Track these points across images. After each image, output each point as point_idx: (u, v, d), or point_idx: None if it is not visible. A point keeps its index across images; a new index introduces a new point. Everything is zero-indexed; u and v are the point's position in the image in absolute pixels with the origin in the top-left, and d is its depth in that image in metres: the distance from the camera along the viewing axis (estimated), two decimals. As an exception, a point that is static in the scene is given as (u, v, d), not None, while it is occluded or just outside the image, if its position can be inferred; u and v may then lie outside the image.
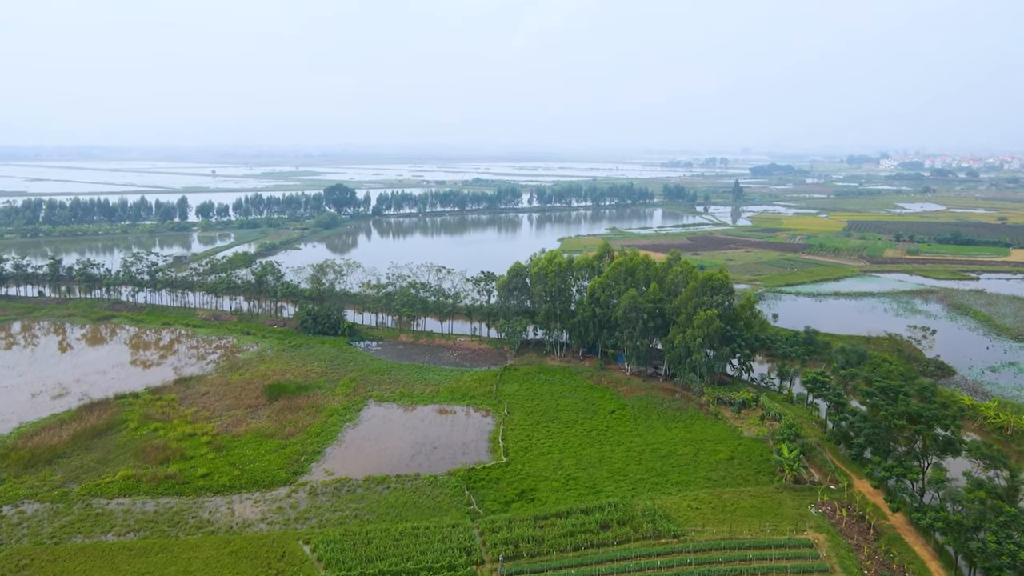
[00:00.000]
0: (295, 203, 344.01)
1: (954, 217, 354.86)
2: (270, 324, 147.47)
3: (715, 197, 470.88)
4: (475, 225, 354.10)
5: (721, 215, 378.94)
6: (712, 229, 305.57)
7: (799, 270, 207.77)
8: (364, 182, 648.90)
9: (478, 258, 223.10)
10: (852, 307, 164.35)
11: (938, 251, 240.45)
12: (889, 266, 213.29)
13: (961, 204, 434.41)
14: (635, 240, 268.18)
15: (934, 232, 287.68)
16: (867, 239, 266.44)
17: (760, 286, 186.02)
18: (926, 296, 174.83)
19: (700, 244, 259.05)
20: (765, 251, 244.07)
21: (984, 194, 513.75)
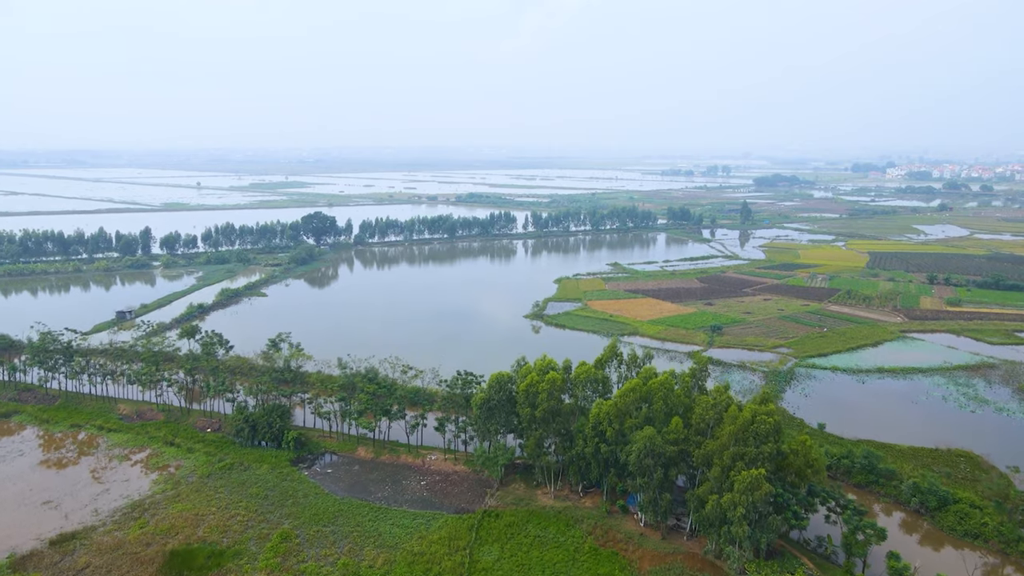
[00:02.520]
0: (270, 232, 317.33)
1: (982, 246, 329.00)
2: (203, 428, 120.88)
3: (721, 218, 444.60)
4: (466, 254, 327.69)
5: (730, 241, 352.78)
6: (723, 265, 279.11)
7: (829, 330, 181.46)
8: (353, 196, 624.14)
9: (462, 316, 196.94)
10: (902, 392, 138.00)
11: (980, 299, 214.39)
12: (931, 324, 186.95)
13: (984, 226, 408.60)
14: (639, 282, 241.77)
15: (968, 269, 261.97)
16: (897, 281, 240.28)
17: (789, 356, 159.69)
18: (986, 373, 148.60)
19: (712, 288, 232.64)
20: (786, 298, 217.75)
21: (1004, 213, 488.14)
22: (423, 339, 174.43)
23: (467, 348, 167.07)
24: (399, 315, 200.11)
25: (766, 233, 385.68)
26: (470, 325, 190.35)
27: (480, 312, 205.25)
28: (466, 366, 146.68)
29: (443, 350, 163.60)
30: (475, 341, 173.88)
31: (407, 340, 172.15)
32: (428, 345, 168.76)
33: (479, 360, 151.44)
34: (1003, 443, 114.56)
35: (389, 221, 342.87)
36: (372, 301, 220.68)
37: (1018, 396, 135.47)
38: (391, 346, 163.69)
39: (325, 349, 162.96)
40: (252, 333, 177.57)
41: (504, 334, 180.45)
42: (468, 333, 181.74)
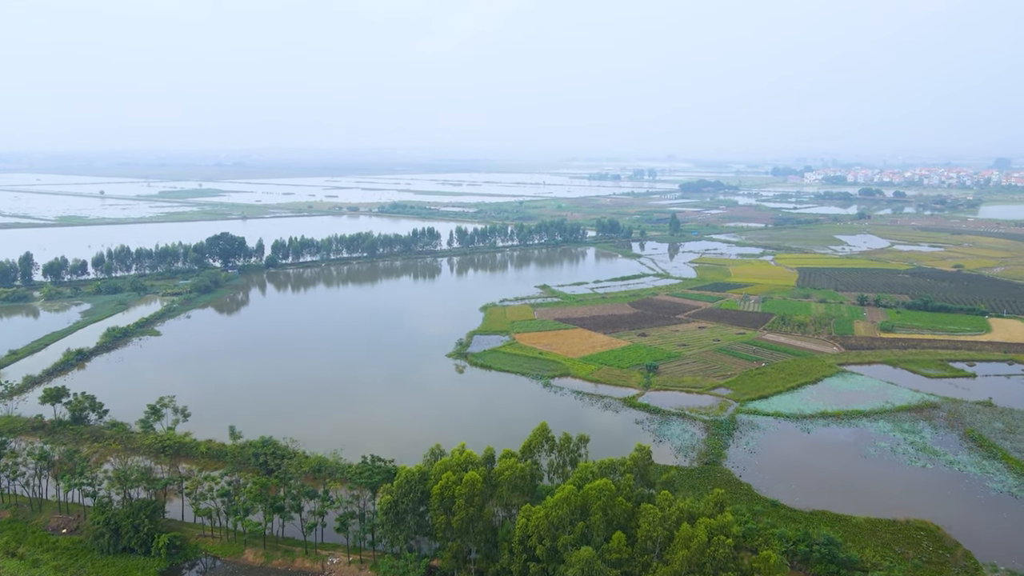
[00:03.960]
0: (171, 256, 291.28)
1: (903, 259, 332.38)
2: (57, 528, 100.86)
3: (650, 229, 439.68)
4: (387, 274, 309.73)
5: (660, 256, 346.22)
6: (655, 285, 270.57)
7: (767, 364, 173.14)
8: (271, 206, 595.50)
9: (379, 356, 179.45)
10: (850, 444, 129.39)
11: (912, 322, 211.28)
12: (867, 355, 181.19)
13: (901, 236, 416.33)
14: (569, 309, 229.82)
15: (895, 286, 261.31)
16: (829, 303, 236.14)
17: (729, 400, 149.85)
18: (929, 415, 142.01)
19: (645, 314, 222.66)
20: (720, 326, 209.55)
21: (918, 221, 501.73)
22: (331, 395, 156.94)
23: (381, 410, 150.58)
24: (305, 361, 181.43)
25: (695, 246, 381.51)
26: (388, 368, 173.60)
27: (400, 351, 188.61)
28: (381, 433, 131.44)
29: (356, 409, 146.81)
30: (391, 396, 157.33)
31: (313, 395, 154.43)
32: (338, 404, 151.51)
33: (395, 427, 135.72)
34: (961, 509, 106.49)
35: (304, 240, 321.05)
36: (277, 340, 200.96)
37: (965, 444, 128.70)
38: (292, 405, 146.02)
39: (219, 407, 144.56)
40: (137, 386, 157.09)
41: (425, 382, 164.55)
42: (385, 381, 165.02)
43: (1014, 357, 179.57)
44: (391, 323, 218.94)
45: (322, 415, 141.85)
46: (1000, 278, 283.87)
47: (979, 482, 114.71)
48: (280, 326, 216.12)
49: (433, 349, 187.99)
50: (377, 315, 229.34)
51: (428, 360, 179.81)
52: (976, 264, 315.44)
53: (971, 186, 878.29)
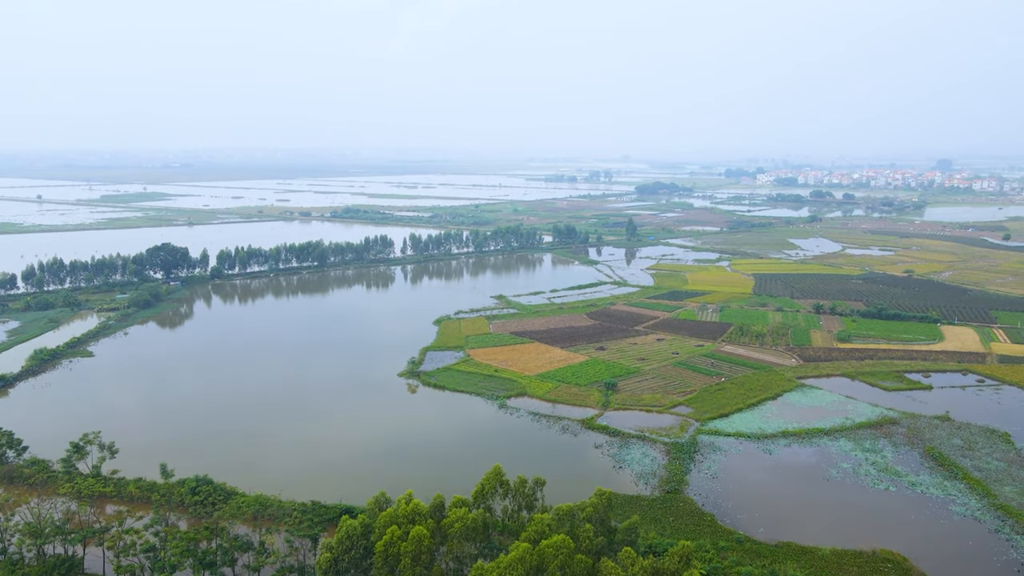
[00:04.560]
0: (109, 268, 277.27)
1: (856, 263, 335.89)
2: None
3: (607, 234, 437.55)
4: (338, 283, 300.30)
5: (617, 263, 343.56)
6: (612, 294, 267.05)
7: (727, 379, 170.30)
8: (219, 211, 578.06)
9: (329, 376, 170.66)
10: (812, 465, 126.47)
11: (867, 331, 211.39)
12: (825, 367, 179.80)
13: (853, 240, 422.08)
14: (526, 321, 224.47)
15: (849, 293, 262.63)
16: (785, 311, 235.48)
17: (689, 420, 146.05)
18: (889, 432, 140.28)
19: (603, 326, 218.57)
20: (679, 337, 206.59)
21: (867, 224, 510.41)
22: (276, 422, 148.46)
23: (329, 438, 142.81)
24: (248, 384, 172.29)
25: (652, 251, 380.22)
26: (337, 391, 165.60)
27: (350, 371, 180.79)
28: (328, 465, 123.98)
29: (302, 439, 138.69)
30: (341, 422, 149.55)
31: (255, 423, 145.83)
32: (283, 432, 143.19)
33: (342, 459, 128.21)
34: (926, 536, 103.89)
35: (251, 250, 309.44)
36: (219, 359, 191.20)
37: (926, 464, 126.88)
38: (232, 435, 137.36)
39: (153, 438, 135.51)
40: (64, 417, 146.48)
41: (376, 405, 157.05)
42: (334, 405, 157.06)
43: (967, 367, 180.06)
44: (341, 339, 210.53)
45: (265, 446, 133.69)
46: (949, 283, 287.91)
47: (942, 505, 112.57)
48: (222, 344, 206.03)
49: (385, 368, 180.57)
50: (327, 331, 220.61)
51: (379, 380, 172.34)
52: (925, 268, 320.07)
53: (916, 187, 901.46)
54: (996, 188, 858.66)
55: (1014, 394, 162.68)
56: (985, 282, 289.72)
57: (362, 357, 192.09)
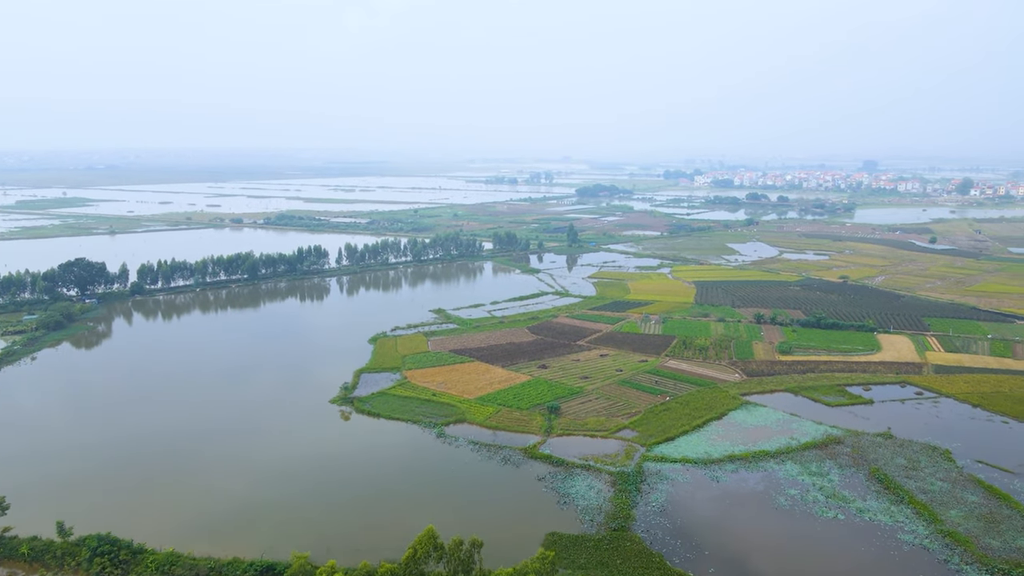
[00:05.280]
0: (17, 285, 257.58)
1: (792, 268, 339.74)
2: None
3: (548, 240, 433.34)
4: (270, 297, 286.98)
5: (558, 271, 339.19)
6: (554, 306, 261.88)
7: (672, 397, 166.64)
8: (144, 218, 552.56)
9: (256, 405, 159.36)
10: (761, 493, 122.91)
11: (807, 342, 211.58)
12: (768, 382, 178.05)
13: (789, 244, 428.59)
14: (466, 337, 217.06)
15: (788, 301, 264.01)
16: (727, 322, 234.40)
17: (635, 445, 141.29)
18: (834, 452, 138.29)
19: (545, 342, 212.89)
20: (622, 353, 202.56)
21: (802, 227, 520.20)
22: (191, 463, 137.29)
23: (254, 479, 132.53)
24: (165, 417, 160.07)
25: (593, 258, 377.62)
26: (264, 423, 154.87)
27: (278, 398, 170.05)
28: (245, 519, 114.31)
29: (223, 481, 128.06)
30: (267, 460, 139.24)
31: (171, 465, 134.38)
32: (201, 474, 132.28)
33: (267, 505, 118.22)
34: (877, 568, 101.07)
35: (175, 264, 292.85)
36: (134, 388, 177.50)
37: (872, 487, 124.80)
38: (142, 480, 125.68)
39: (53, 487, 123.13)
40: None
41: (305, 438, 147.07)
42: (256, 441, 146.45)
43: (906, 379, 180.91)
44: (270, 362, 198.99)
45: (178, 492, 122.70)
46: (882, 288, 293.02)
47: (891, 533, 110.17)
48: (138, 371, 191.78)
49: (316, 393, 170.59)
50: (255, 352, 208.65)
51: (309, 408, 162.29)
52: (859, 274, 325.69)
53: (845, 189, 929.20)
54: (919, 189, 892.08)
55: (951, 407, 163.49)
56: (915, 287, 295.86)
57: (292, 382, 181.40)
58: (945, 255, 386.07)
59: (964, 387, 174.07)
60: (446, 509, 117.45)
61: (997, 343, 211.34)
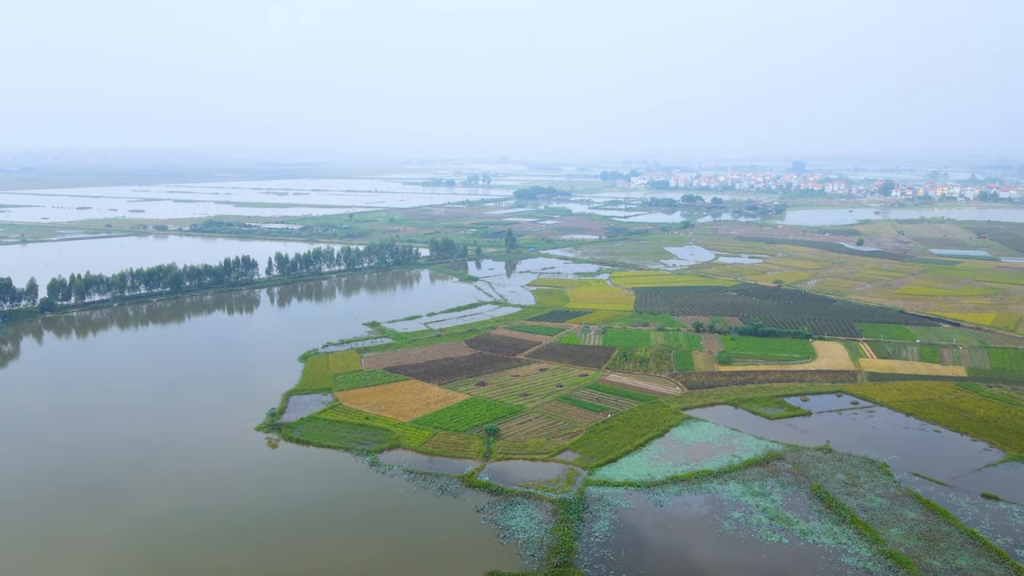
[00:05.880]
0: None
1: (728, 272, 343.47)
2: None
3: (486, 246, 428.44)
4: (194, 311, 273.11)
5: (497, 279, 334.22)
6: (493, 316, 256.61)
7: (613, 414, 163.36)
8: (59, 226, 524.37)
9: (175, 434, 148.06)
10: (704, 518, 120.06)
11: (746, 351, 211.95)
12: (709, 395, 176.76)
13: (724, 247, 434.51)
14: (401, 353, 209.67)
15: (725, 307, 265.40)
16: (667, 331, 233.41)
17: (577, 468, 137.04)
18: (776, 470, 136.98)
19: (483, 356, 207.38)
20: (562, 366, 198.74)
21: (736, 229, 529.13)
22: (94, 511, 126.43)
23: (161, 542, 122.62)
24: (69, 454, 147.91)
25: (532, 264, 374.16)
26: (182, 455, 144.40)
27: (199, 426, 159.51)
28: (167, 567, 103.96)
29: (126, 531, 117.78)
30: (179, 506, 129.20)
31: (69, 514, 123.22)
32: (100, 526, 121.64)
33: (177, 563, 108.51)
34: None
35: (91, 278, 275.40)
36: (35, 419, 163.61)
37: (814, 506, 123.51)
38: (34, 539, 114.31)
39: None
40: None
41: (227, 472, 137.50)
42: (175, 477, 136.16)
43: (841, 388, 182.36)
44: (192, 384, 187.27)
45: (76, 547, 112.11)
46: (815, 292, 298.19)
47: (835, 556, 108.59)
48: (40, 400, 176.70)
49: (240, 420, 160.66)
50: (175, 374, 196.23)
51: (233, 437, 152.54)
52: (792, 277, 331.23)
53: (775, 190, 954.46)
54: (845, 190, 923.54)
55: (886, 416, 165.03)
56: (846, 291, 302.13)
57: (215, 407, 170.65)
58: (872, 257, 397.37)
59: (897, 395, 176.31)
60: (378, 549, 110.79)
61: (925, 348, 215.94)
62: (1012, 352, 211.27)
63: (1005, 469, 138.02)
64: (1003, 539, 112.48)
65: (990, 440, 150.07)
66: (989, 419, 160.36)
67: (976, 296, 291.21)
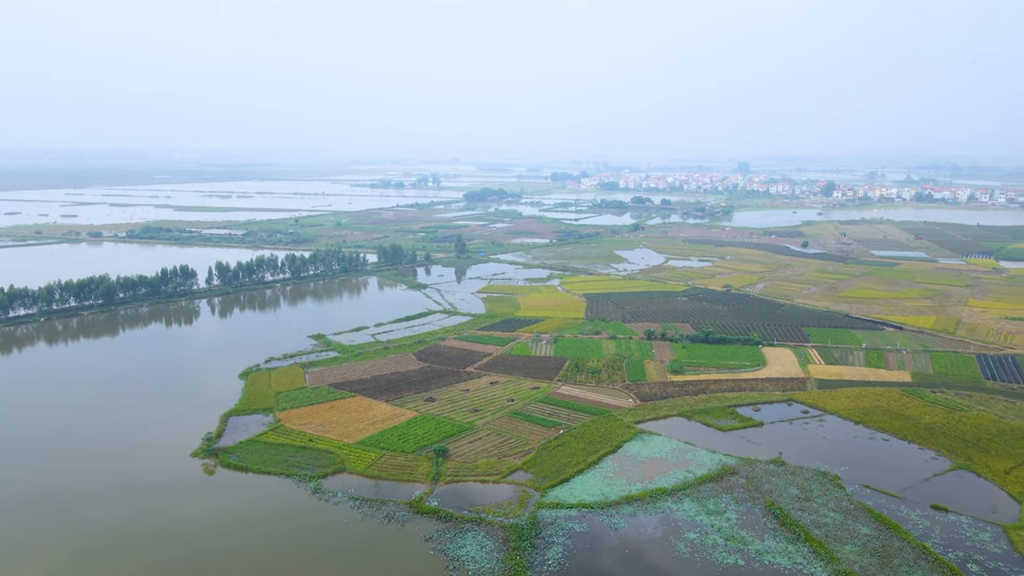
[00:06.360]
0: None
1: (679, 277, 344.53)
2: None
3: (436, 251, 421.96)
4: (129, 325, 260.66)
5: (446, 286, 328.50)
6: (442, 326, 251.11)
7: (566, 429, 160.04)
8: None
9: (102, 464, 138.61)
10: (660, 539, 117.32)
11: (697, 359, 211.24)
12: (662, 407, 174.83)
13: (674, 250, 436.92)
14: (347, 367, 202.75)
15: (676, 313, 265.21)
16: (619, 339, 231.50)
17: (528, 490, 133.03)
18: (730, 485, 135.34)
19: (432, 369, 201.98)
20: (513, 379, 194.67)
21: (685, 232, 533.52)
22: (22, 545, 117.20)
23: (90, 567, 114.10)
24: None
25: (482, 270, 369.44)
26: (110, 487, 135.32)
27: (128, 455, 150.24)
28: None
29: (57, 569, 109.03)
30: (101, 549, 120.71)
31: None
32: (31, 563, 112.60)
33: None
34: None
35: (14, 291, 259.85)
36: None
37: (769, 524, 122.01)
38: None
39: None
40: None
41: (158, 505, 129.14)
42: (102, 512, 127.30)
43: (792, 396, 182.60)
44: (124, 406, 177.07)
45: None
46: (763, 297, 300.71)
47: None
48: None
49: (175, 445, 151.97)
50: (106, 395, 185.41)
51: (166, 465, 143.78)
52: (741, 281, 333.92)
53: (722, 191, 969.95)
54: (789, 191, 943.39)
55: (836, 425, 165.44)
56: (793, 294, 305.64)
57: (147, 432, 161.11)
58: (817, 259, 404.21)
59: (846, 403, 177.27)
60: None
61: (871, 353, 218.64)
62: (953, 356, 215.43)
63: (952, 478, 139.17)
64: (954, 553, 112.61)
65: (937, 448, 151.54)
66: (935, 426, 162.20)
67: (916, 298, 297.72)
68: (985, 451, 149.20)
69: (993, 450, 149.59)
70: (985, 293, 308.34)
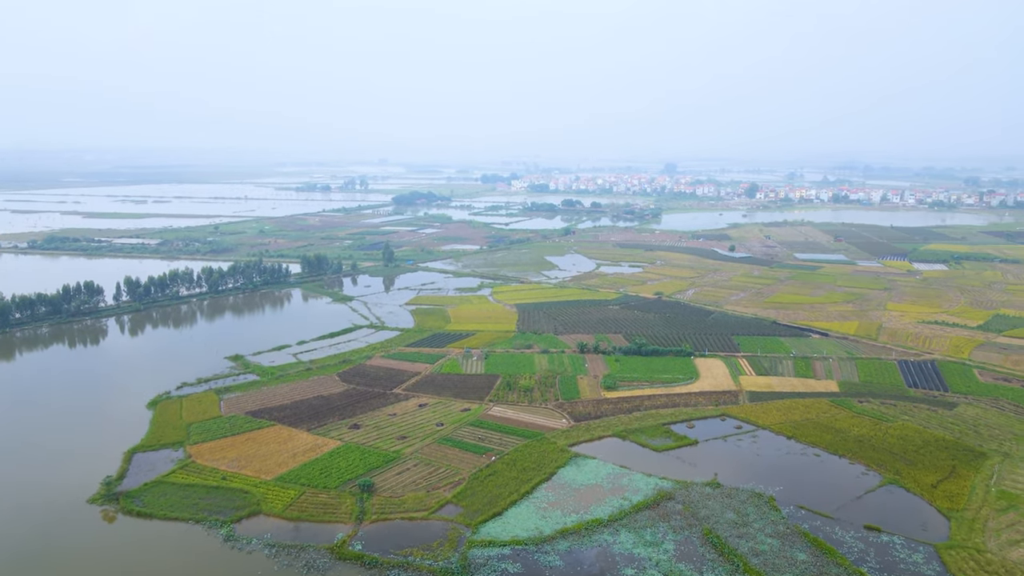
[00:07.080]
0: None
1: (610, 284, 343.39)
2: None
3: (363, 259, 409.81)
4: (26, 348, 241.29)
5: (373, 297, 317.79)
6: (369, 343, 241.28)
7: (498, 456, 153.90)
8: None
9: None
10: (594, 574, 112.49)
11: (631, 374, 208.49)
12: (596, 427, 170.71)
13: (605, 255, 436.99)
14: (265, 392, 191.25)
15: (608, 324, 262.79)
16: (551, 353, 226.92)
17: (458, 528, 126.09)
18: (666, 512, 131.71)
19: (358, 392, 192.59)
20: (443, 400, 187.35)
21: (616, 236, 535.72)
22: None
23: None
24: None
25: (411, 279, 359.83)
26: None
27: (19, 498, 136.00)
28: None
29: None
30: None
31: None
32: None
33: None
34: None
35: None
36: None
37: (707, 554, 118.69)
38: None
39: None
40: None
41: (43, 561, 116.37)
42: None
43: (725, 411, 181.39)
44: (14, 444, 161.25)
45: None
46: (692, 304, 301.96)
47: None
48: None
49: (71, 489, 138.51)
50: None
51: (60, 514, 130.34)
52: (672, 287, 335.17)
53: (651, 193, 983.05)
54: (714, 193, 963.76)
55: (768, 441, 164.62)
56: (722, 300, 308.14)
57: (40, 475, 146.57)
58: (744, 263, 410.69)
59: (777, 416, 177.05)
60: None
61: (799, 362, 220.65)
62: (877, 363, 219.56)
63: (883, 495, 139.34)
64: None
65: (866, 463, 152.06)
66: (863, 438, 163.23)
67: (839, 303, 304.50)
68: (912, 464, 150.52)
69: (919, 462, 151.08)
70: (902, 296, 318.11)
